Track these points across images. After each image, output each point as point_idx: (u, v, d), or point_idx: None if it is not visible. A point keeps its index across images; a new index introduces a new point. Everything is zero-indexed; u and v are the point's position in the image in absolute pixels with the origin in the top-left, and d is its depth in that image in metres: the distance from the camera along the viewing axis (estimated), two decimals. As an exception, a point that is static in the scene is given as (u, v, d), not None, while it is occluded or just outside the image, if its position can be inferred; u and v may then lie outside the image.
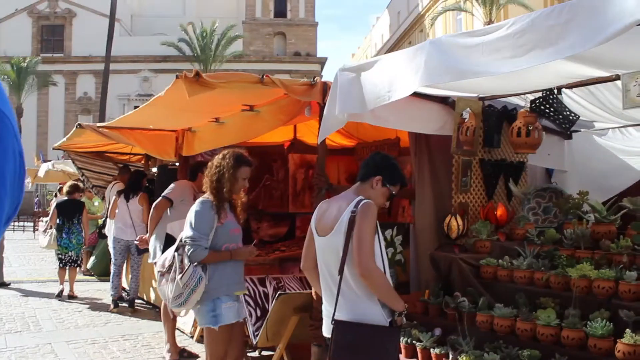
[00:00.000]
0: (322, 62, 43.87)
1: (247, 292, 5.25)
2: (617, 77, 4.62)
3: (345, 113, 4.73)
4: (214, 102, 5.77)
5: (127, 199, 8.74)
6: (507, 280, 4.83)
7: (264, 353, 6.14)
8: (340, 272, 3.31)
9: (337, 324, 3.37)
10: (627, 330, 3.79)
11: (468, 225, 5.44)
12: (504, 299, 4.72)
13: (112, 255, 9.16)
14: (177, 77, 4.77)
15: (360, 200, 3.33)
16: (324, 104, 4.95)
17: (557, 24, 3.30)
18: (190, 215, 4.42)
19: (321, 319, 4.98)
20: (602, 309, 4.11)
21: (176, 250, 4.40)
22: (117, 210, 8.83)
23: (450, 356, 4.45)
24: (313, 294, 4.99)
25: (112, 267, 9.09)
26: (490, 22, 27.76)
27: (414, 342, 4.66)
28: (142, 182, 9.08)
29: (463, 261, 5.04)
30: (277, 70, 39.04)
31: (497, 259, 4.99)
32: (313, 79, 5.19)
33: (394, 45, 43.15)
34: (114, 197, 9.11)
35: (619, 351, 3.74)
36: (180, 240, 4.42)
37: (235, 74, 5.22)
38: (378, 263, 3.31)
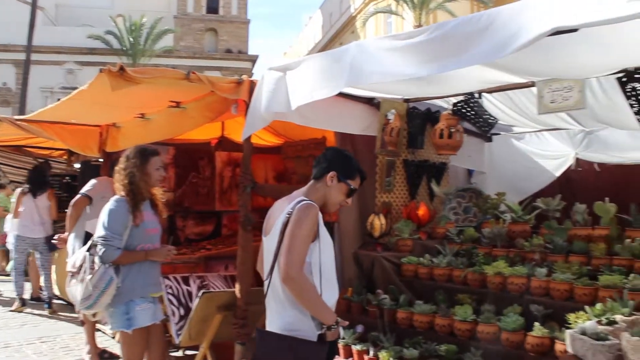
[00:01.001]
0: (253, 59, 43.58)
1: (163, 293, 5.14)
2: (533, 84, 4.83)
3: (270, 111, 4.74)
4: (140, 97, 5.65)
5: (34, 196, 8.43)
6: (427, 277, 4.98)
7: (188, 352, 6.06)
8: (268, 276, 3.15)
9: (259, 333, 3.22)
10: (536, 323, 3.98)
11: (391, 224, 5.57)
12: (424, 295, 4.86)
13: (13, 254, 8.81)
14: (100, 71, 4.65)
15: (299, 202, 3.10)
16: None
17: (474, 30, 3.41)
18: (104, 214, 4.25)
19: (244, 317, 4.99)
20: (515, 304, 4.30)
21: (88, 250, 4.24)
22: (22, 209, 8.48)
23: (371, 352, 4.55)
24: (237, 292, 4.98)
25: (13, 266, 8.78)
26: (419, 26, 28.35)
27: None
28: (46, 176, 8.79)
29: (385, 259, 5.16)
30: (208, 66, 38.49)
31: (418, 257, 5.14)
32: (240, 77, 5.17)
33: (326, 46, 43.42)
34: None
35: (528, 343, 3.94)
36: (93, 240, 4.26)
37: (161, 70, 5.13)
38: (315, 271, 3.07)
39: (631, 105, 4.35)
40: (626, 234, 4.55)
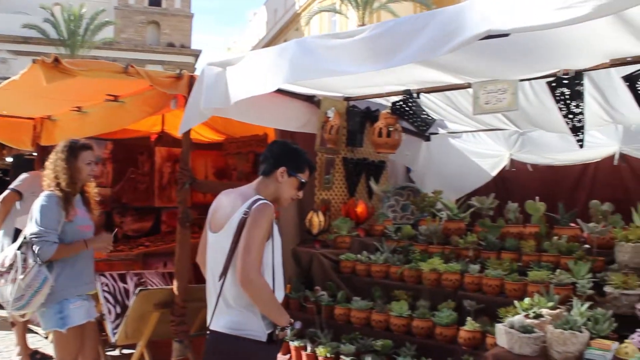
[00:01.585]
0: (196, 54, 43.02)
1: (98, 291, 5.04)
2: (469, 85, 4.95)
3: (209, 107, 4.71)
4: (76, 90, 5.51)
5: None
6: (364, 274, 5.05)
7: (125, 351, 5.96)
8: (222, 276, 3.05)
9: (211, 334, 3.14)
10: (469, 318, 4.10)
11: (329, 222, 5.62)
12: (361, 292, 4.93)
13: None
14: (34, 61, 4.51)
15: (255, 201, 3.03)
16: (191, 97, 4.90)
17: (412, 30, 3.48)
18: (35, 210, 4.09)
19: (182, 315, 4.94)
20: (449, 300, 4.42)
21: (19, 248, 4.07)
22: None
23: (309, 348, 4.58)
24: (174, 289, 4.93)
25: None
26: (363, 25, 28.58)
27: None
28: None
29: (323, 256, 5.20)
30: (150, 60, 37.82)
31: (356, 254, 5.20)
32: (179, 72, 5.11)
33: (270, 42, 43.25)
34: None
35: (461, 338, 4.06)
36: (24, 238, 4.08)
37: (98, 62, 5.01)
38: (267, 271, 3.06)
39: (560, 109, 4.51)
40: (554, 232, 4.74)
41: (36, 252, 3.99)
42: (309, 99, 5.68)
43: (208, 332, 3.17)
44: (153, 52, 41.14)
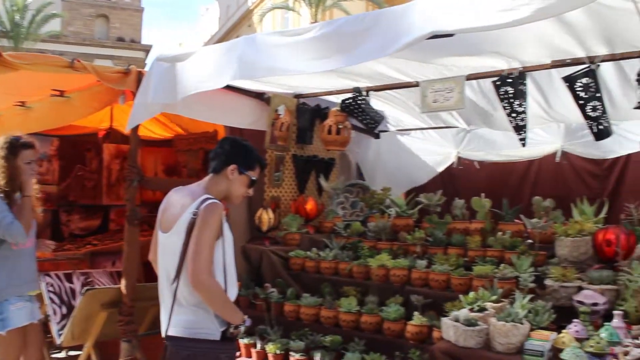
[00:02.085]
0: (147, 49, 42.23)
1: (41, 291, 4.92)
2: (417, 84, 5.03)
3: (157, 103, 4.67)
4: (19, 84, 5.36)
5: None
6: (314, 271, 5.08)
7: (71, 353, 5.85)
8: (176, 280, 3.02)
9: (169, 340, 3.10)
10: (416, 313, 4.18)
11: (279, 219, 5.63)
12: (311, 288, 4.96)
13: None
14: (-28, 54, 4.37)
15: (204, 200, 3.00)
16: (140, 93, 4.84)
17: (359, 30, 3.52)
18: None
19: (130, 314, 4.88)
20: (397, 295, 4.49)
21: None
22: None
23: (258, 345, 4.59)
24: (122, 288, 4.86)
25: None
26: (315, 22, 28.57)
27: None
28: None
29: (273, 253, 5.21)
30: (99, 54, 36.96)
31: (306, 251, 5.23)
32: (127, 67, 5.04)
33: (222, 38, 42.82)
34: None
35: (408, 332, 4.13)
36: None
37: (43, 56, 4.89)
38: (219, 270, 3.03)
39: (504, 108, 4.63)
40: (499, 227, 4.87)
41: (9, 238, 3.96)
42: (259, 96, 5.68)
43: (165, 340, 3.13)
44: (102, 46, 40.18)
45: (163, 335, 3.14)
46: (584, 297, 3.65)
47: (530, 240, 4.62)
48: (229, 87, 5.09)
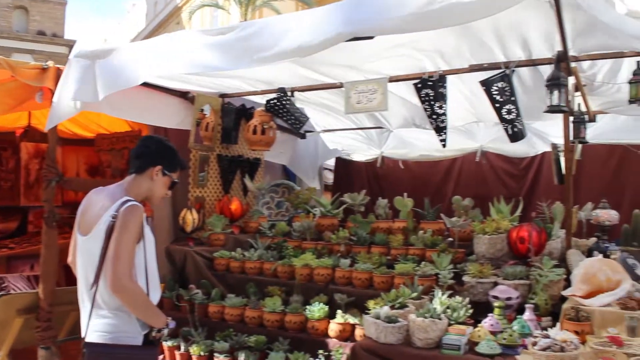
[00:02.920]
0: (70, 44, 40.55)
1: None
2: (341, 85, 5.09)
3: (78, 101, 4.53)
4: None
5: None
6: (239, 271, 5.06)
7: (-15, 362, 5.60)
8: (95, 284, 2.92)
9: (88, 346, 2.97)
10: (339, 311, 4.23)
11: (204, 219, 5.58)
12: (236, 289, 4.95)
13: None
14: None
15: (124, 202, 2.91)
16: (59, 90, 4.68)
17: (279, 31, 3.54)
18: None
19: (48, 320, 4.71)
20: (321, 294, 4.53)
21: None
22: None
23: (182, 348, 4.53)
24: (40, 293, 4.70)
25: None
26: (245, 21, 28.39)
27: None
28: None
29: (197, 254, 5.16)
30: (18, 48, 35.34)
31: (231, 251, 5.20)
32: (45, 63, 4.86)
33: (150, 35, 41.92)
34: None
35: (332, 330, 4.18)
36: None
37: (-48, 50, 4.67)
38: (140, 274, 2.95)
39: (425, 109, 4.75)
40: (421, 226, 4.98)
41: None
42: (184, 95, 5.61)
43: (84, 347, 2.99)
44: (21, 39, 38.41)
45: (82, 344, 3.03)
46: (498, 292, 3.79)
47: (450, 239, 4.76)
48: (154, 86, 5.01)
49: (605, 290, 3.51)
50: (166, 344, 4.59)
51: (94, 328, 2.98)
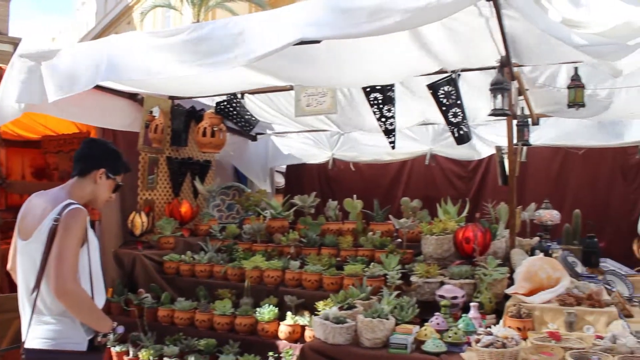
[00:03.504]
0: (15, 42, 39.49)
1: None
2: (291, 88, 5.12)
3: (22, 103, 4.42)
4: None
5: None
6: (189, 274, 5.04)
7: None
8: (36, 289, 2.84)
9: (28, 353, 2.88)
10: (289, 313, 4.26)
11: (153, 222, 5.52)
12: (186, 292, 4.92)
13: None
14: None
15: (66, 206, 2.84)
16: (0, 91, 4.56)
17: (228, 35, 3.53)
18: None
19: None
20: (271, 296, 4.55)
21: None
22: None
23: (131, 353, 4.48)
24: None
25: None
26: (198, 22, 28.08)
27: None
28: None
29: (147, 257, 5.11)
30: (-41, 48, 34.26)
31: (181, 255, 5.17)
32: (-14, 63, 4.74)
33: (100, 34, 41.05)
34: None
35: (282, 332, 4.20)
36: None
37: None
38: (84, 278, 2.88)
39: (374, 113, 4.82)
40: (370, 227, 5.05)
41: None
42: (132, 97, 5.54)
43: (23, 354, 2.92)
44: (-38, 38, 37.24)
45: (21, 351, 2.94)
46: (444, 292, 3.88)
47: (399, 240, 4.84)
48: (101, 87, 4.93)
49: (545, 287, 3.62)
50: (114, 350, 4.53)
51: (36, 334, 2.90)
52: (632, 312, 3.68)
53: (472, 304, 3.71)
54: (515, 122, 4.92)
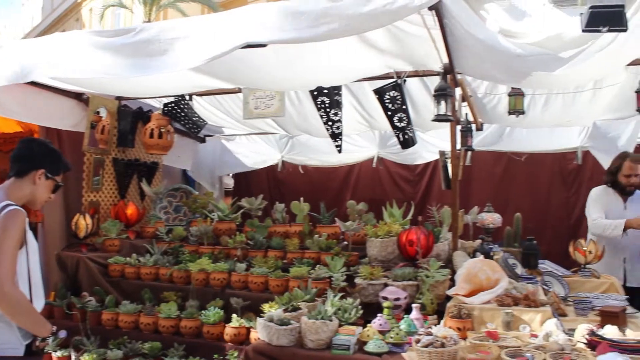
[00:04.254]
0: (-43, 39, 38.40)
1: None
2: (239, 90, 5.12)
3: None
4: None
5: None
6: (134, 277, 4.98)
7: None
8: None
9: None
10: (234, 315, 4.26)
11: (98, 224, 5.44)
12: (131, 295, 4.86)
13: None
14: None
15: (4, 207, 2.80)
16: None
17: (174, 38, 3.52)
18: None
19: None
20: (217, 299, 4.54)
21: None
22: None
23: (73, 357, 4.40)
24: None
25: None
26: (149, 21, 27.74)
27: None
28: None
29: (91, 260, 5.03)
30: None
31: (126, 257, 5.11)
32: None
33: (46, 30, 39.99)
34: None
35: (227, 334, 4.21)
36: None
37: None
38: (23, 281, 2.83)
39: (321, 117, 4.87)
40: (317, 230, 5.09)
41: None
42: (78, 96, 5.45)
43: None
44: None
45: None
46: (387, 293, 3.95)
47: (345, 242, 4.89)
48: (46, 86, 4.84)
49: (485, 288, 3.73)
50: (55, 355, 4.44)
51: None
52: (566, 311, 3.83)
53: (414, 305, 3.78)
54: (459, 127, 5.05)
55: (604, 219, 4.92)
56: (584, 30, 2.70)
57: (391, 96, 4.62)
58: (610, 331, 3.11)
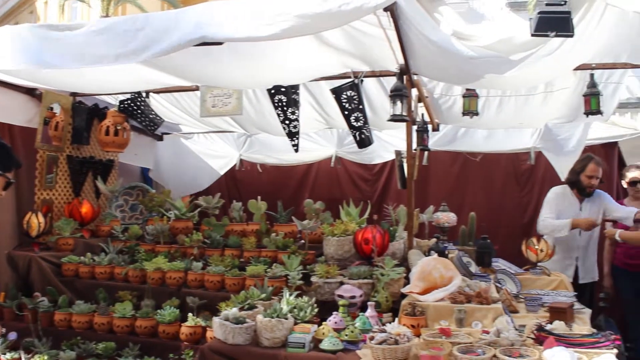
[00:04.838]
0: None
1: None
2: (197, 88, 5.09)
3: None
4: None
5: None
6: (88, 276, 4.91)
7: None
8: None
9: None
10: (190, 314, 4.24)
11: (51, 223, 5.34)
12: (85, 295, 4.80)
13: None
14: None
15: None
16: None
17: (130, 30, 3.49)
18: None
19: None
20: (173, 298, 4.51)
21: None
22: None
23: (23, 359, 4.32)
24: None
25: None
26: (107, 16, 27.27)
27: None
28: None
29: (43, 259, 4.94)
30: None
31: (80, 256, 5.02)
32: None
33: None
34: None
35: (183, 333, 4.19)
36: None
37: None
38: None
39: (278, 115, 4.88)
40: (274, 229, 5.09)
41: None
42: (30, 92, 5.34)
43: None
44: None
45: None
46: (343, 291, 3.98)
47: (302, 241, 4.90)
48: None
49: (439, 286, 3.80)
50: (4, 357, 4.34)
51: None
52: (518, 307, 3.94)
53: (369, 303, 3.82)
54: (415, 127, 5.11)
55: (554, 219, 5.06)
56: (532, 35, 2.78)
57: (348, 96, 4.66)
58: (558, 326, 3.22)
